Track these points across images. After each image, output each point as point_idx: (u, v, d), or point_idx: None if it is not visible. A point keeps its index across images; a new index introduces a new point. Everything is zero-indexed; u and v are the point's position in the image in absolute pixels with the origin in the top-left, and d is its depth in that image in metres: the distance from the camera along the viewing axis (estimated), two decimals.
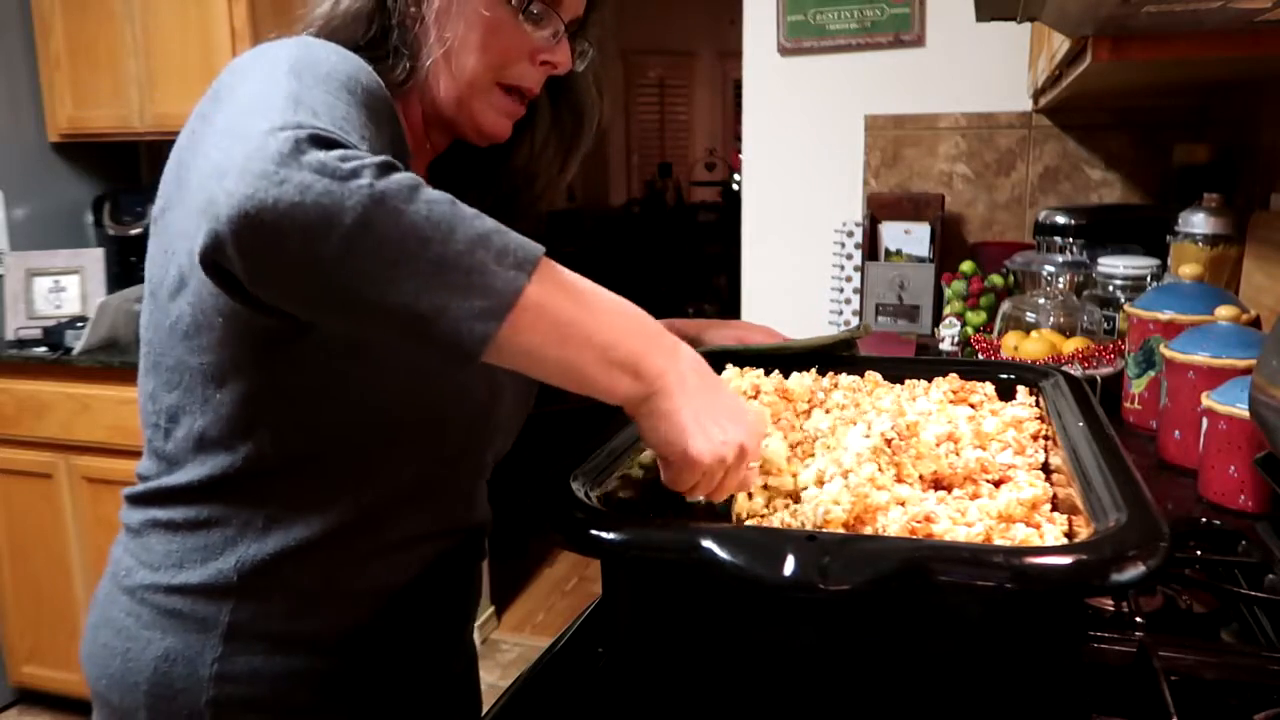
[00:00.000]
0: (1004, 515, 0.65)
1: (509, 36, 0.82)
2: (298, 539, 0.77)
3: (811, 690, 0.59)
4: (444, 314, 0.57)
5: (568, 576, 3.43)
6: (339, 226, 0.55)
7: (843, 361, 1.01)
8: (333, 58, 0.70)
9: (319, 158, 0.56)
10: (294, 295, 0.59)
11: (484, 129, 0.86)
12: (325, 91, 0.65)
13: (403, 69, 0.81)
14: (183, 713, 0.78)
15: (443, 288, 0.57)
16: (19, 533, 2.54)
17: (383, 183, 0.56)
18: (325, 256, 0.55)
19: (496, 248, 0.58)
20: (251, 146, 0.56)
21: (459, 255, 0.57)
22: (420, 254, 0.56)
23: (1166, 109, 2.09)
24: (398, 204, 0.56)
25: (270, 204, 0.54)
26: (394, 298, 0.57)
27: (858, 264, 2.24)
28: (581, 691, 0.76)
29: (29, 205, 2.72)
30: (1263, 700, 0.68)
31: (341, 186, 0.55)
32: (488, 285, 0.57)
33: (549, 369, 0.62)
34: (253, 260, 0.57)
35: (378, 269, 0.56)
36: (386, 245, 0.56)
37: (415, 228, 0.56)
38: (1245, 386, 1.03)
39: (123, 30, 2.56)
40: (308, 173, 0.55)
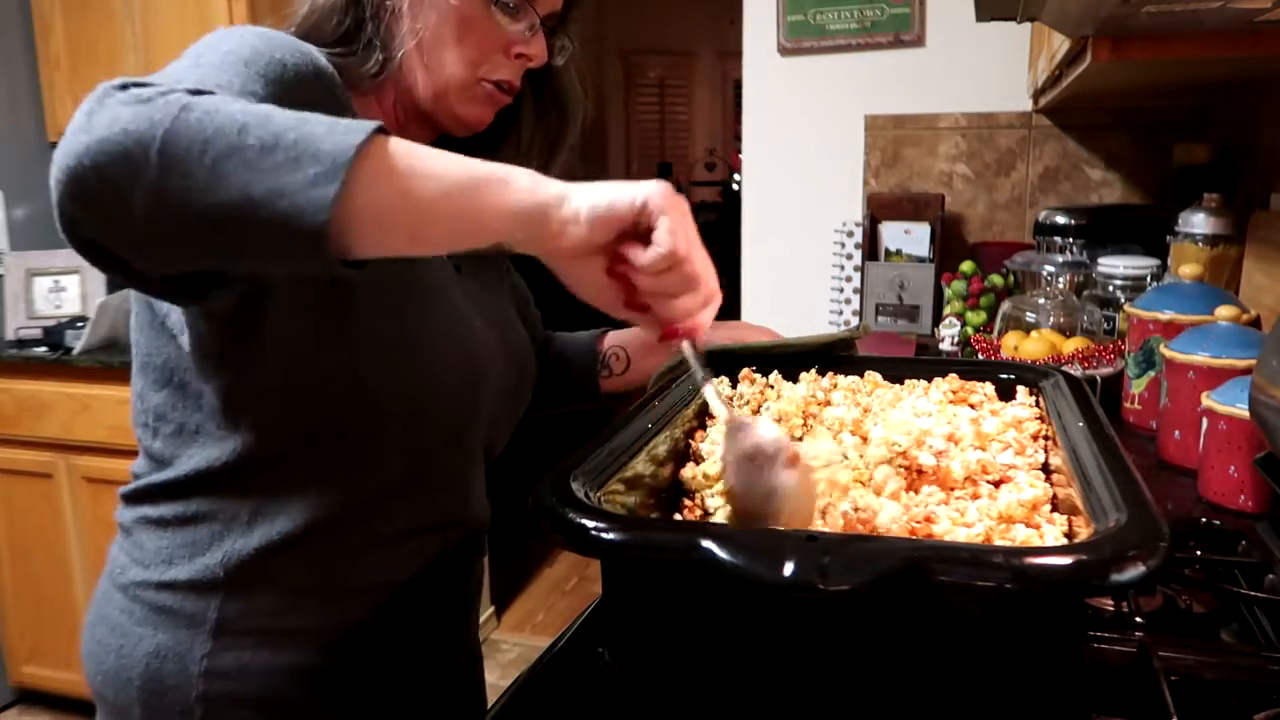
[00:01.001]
0: (1004, 516, 0.65)
1: (482, 29, 0.82)
2: (283, 533, 0.77)
3: (812, 690, 0.59)
4: (280, 195, 0.53)
5: (568, 576, 3.43)
6: (152, 143, 0.53)
7: (841, 361, 1.01)
8: (255, 42, 0.70)
9: (128, 93, 0.55)
10: (142, 237, 0.56)
11: (464, 119, 0.86)
12: (214, 67, 0.65)
13: (375, 61, 0.81)
14: (174, 708, 0.79)
15: (271, 168, 0.53)
16: (19, 533, 2.54)
17: (195, 97, 0.55)
18: (148, 177, 0.53)
19: (325, 123, 0.55)
20: (83, 104, 0.56)
21: (283, 133, 0.54)
22: (241, 142, 0.53)
23: (1166, 109, 2.09)
24: (209, 106, 0.54)
25: (84, 148, 0.54)
26: (225, 195, 0.53)
27: (858, 264, 2.24)
28: (581, 691, 0.76)
29: (29, 205, 2.72)
30: (1263, 700, 0.68)
31: (149, 106, 0.54)
32: (319, 151, 0.53)
33: (424, 227, 0.57)
34: (90, 213, 0.55)
35: (202, 175, 0.53)
36: (202, 146, 0.53)
37: (231, 119, 0.54)
38: (1245, 386, 1.03)
39: (123, 30, 2.56)
40: (114, 106, 0.54)
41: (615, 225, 0.59)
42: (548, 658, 0.79)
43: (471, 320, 0.87)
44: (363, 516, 0.80)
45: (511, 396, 0.94)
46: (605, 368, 1.11)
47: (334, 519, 0.79)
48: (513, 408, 0.95)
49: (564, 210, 0.58)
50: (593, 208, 0.58)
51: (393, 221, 0.56)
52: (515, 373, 0.94)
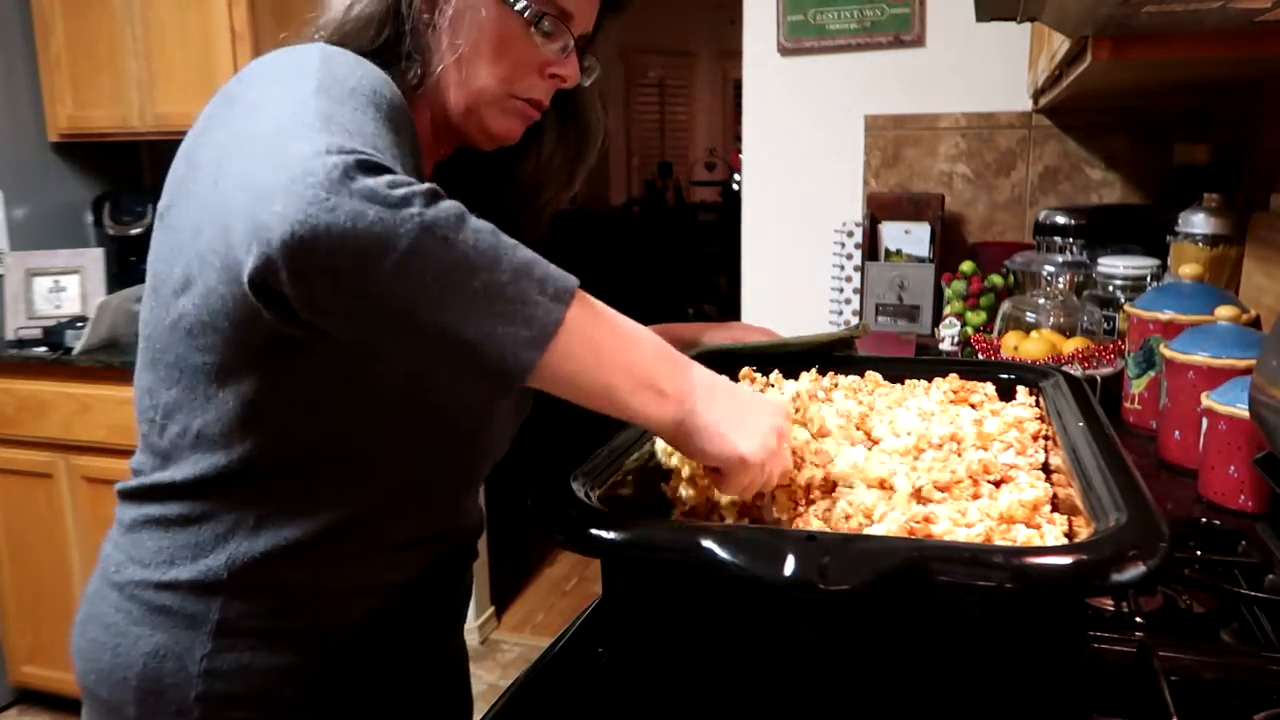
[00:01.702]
0: (1005, 516, 0.65)
1: (520, 49, 0.82)
2: (289, 538, 0.77)
3: (812, 690, 0.59)
4: (490, 340, 0.59)
5: (568, 576, 3.43)
6: (392, 254, 0.56)
7: (840, 361, 1.01)
8: (357, 71, 0.71)
9: (369, 184, 0.57)
10: (343, 319, 0.60)
11: (494, 133, 0.86)
12: (355, 109, 0.66)
13: (414, 74, 0.82)
14: (171, 708, 0.78)
15: (489, 316, 0.59)
16: (19, 533, 2.54)
17: (432, 211, 0.57)
18: (377, 283, 0.57)
19: (538, 278, 0.60)
20: (298, 170, 0.57)
21: (504, 285, 0.59)
22: (468, 282, 0.58)
23: (1166, 109, 2.09)
24: (447, 233, 0.57)
25: (324, 229, 0.55)
26: (442, 324, 0.58)
27: (858, 264, 2.24)
28: (581, 691, 0.76)
29: (29, 205, 2.72)
30: (1263, 700, 0.68)
31: (393, 214, 0.56)
32: (531, 315, 0.60)
33: (585, 393, 0.64)
34: (305, 284, 0.57)
35: (427, 296, 0.57)
36: (436, 273, 0.57)
37: (464, 256, 0.58)
38: (1245, 386, 1.03)
39: (123, 30, 2.56)
40: (359, 200, 0.56)
41: (701, 461, 0.68)
42: (548, 658, 0.79)
43: None
44: (367, 525, 0.81)
45: (517, 408, 0.94)
46: None
47: (342, 526, 0.79)
48: (517, 416, 0.96)
49: (686, 428, 0.66)
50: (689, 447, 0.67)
51: (559, 384, 0.63)
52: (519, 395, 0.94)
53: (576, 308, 0.62)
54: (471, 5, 0.81)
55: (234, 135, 0.67)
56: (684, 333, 1.07)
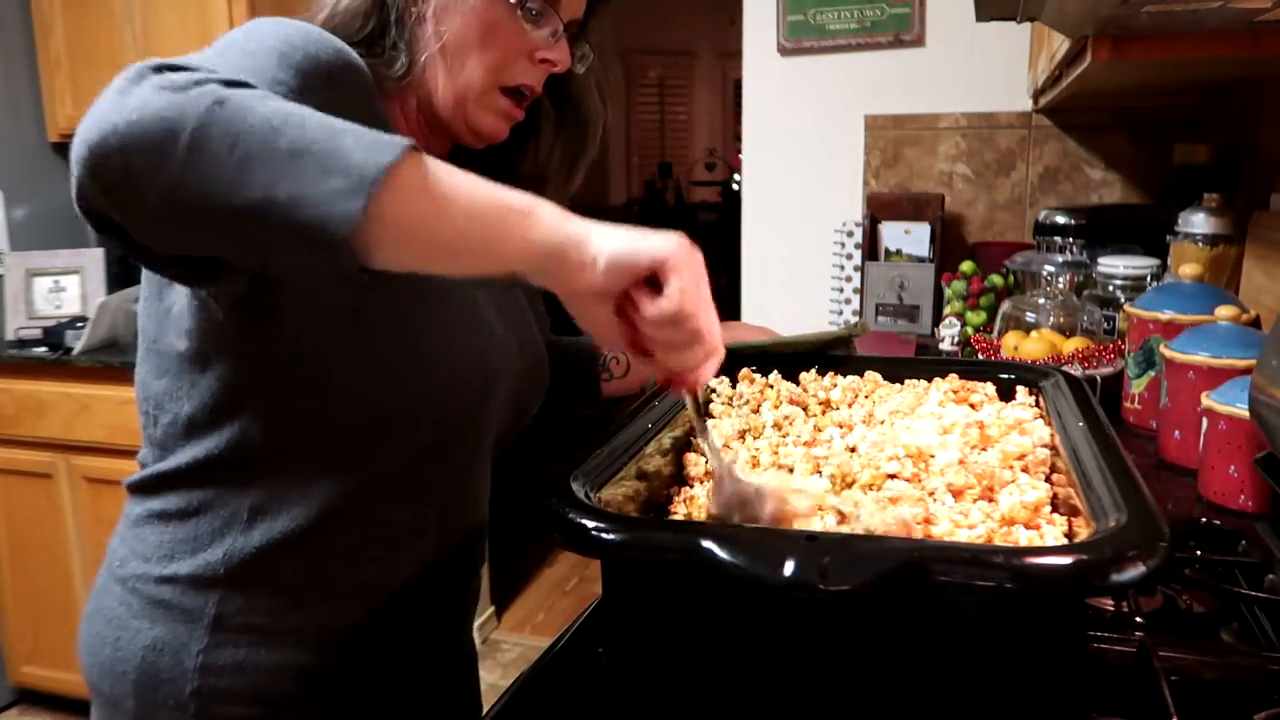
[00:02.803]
0: (1007, 518, 0.65)
1: (507, 34, 0.82)
2: (284, 531, 0.77)
3: (812, 690, 0.59)
4: (304, 201, 0.54)
5: (568, 576, 3.43)
6: (182, 133, 0.53)
7: (839, 360, 1.01)
8: (291, 35, 0.69)
9: (163, 78, 0.55)
10: (159, 225, 0.57)
11: (480, 130, 0.85)
12: (244, 55, 0.64)
13: (400, 65, 0.81)
14: (168, 702, 0.79)
15: (299, 174, 0.54)
16: (19, 533, 2.54)
17: (228, 91, 0.54)
18: (173, 166, 0.53)
19: (357, 133, 0.56)
20: (108, 89, 0.56)
21: (315, 140, 0.54)
22: (272, 144, 0.54)
23: (1166, 109, 2.09)
24: (243, 102, 0.54)
25: (109, 129, 0.54)
26: (250, 194, 0.54)
27: (858, 264, 2.24)
28: (581, 691, 0.76)
29: (29, 205, 2.72)
30: (1263, 700, 0.68)
31: (182, 95, 0.54)
32: (348, 164, 0.54)
33: (440, 243, 0.58)
34: (111, 195, 0.56)
35: (228, 169, 0.53)
36: (233, 142, 0.53)
37: (264, 120, 0.54)
38: (1245, 386, 1.03)
39: (123, 30, 2.56)
40: (146, 89, 0.54)
41: (630, 275, 0.60)
42: (548, 658, 0.79)
43: (492, 325, 0.87)
44: (364, 518, 0.80)
45: (520, 404, 0.94)
46: (605, 371, 1.11)
47: (335, 519, 0.79)
48: (520, 415, 0.95)
49: (584, 253, 0.60)
50: (611, 255, 0.59)
51: (412, 243, 0.57)
52: (527, 380, 0.94)
53: (410, 161, 0.55)
54: None
55: None
56: None
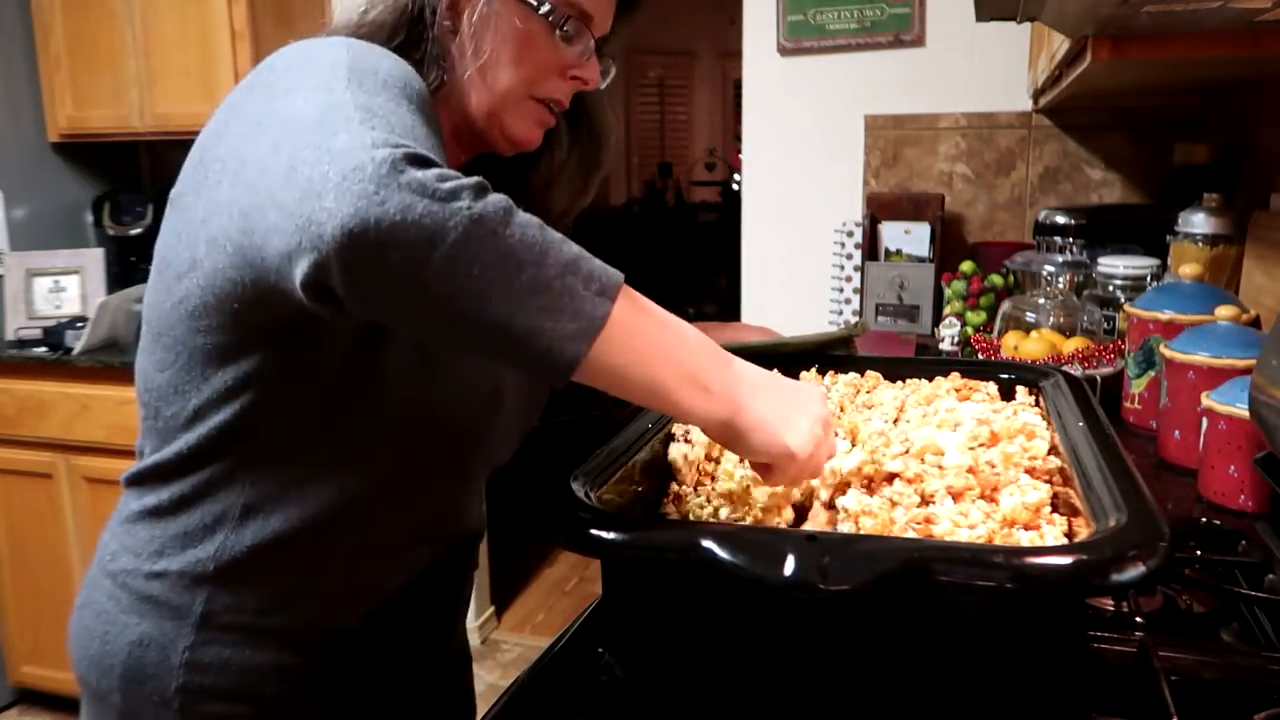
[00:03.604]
0: (1008, 519, 0.65)
1: (543, 52, 0.83)
2: (276, 532, 0.77)
3: (812, 690, 0.59)
4: (538, 335, 0.59)
5: (568, 576, 3.43)
6: (441, 247, 0.56)
7: (839, 360, 1.01)
8: (385, 61, 0.71)
9: (418, 178, 0.57)
10: (392, 312, 0.60)
11: (516, 138, 0.86)
12: (389, 100, 0.66)
13: (435, 79, 0.82)
14: (153, 698, 0.79)
15: (537, 310, 0.59)
16: (19, 533, 2.54)
17: (480, 205, 0.58)
18: (427, 276, 0.57)
19: (584, 273, 0.60)
20: (348, 165, 0.57)
21: (551, 280, 0.59)
22: (516, 276, 0.58)
23: (1166, 109, 2.09)
24: (495, 227, 0.58)
25: (374, 224, 0.55)
26: (490, 318, 0.58)
27: (858, 264, 2.24)
28: (581, 691, 0.76)
29: (29, 205, 2.72)
30: (1263, 700, 0.68)
31: (443, 208, 0.56)
32: (578, 309, 0.60)
33: (632, 388, 0.64)
34: (356, 278, 0.58)
35: (476, 289, 0.57)
36: (484, 267, 0.57)
37: (511, 250, 0.58)
38: (1245, 386, 1.03)
39: (123, 30, 2.56)
40: (408, 193, 0.56)
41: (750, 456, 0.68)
42: (548, 658, 0.79)
43: None
44: (357, 522, 0.80)
45: (523, 413, 0.94)
46: None
47: (328, 522, 0.78)
48: (522, 424, 0.95)
49: (734, 426, 0.66)
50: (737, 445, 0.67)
51: (604, 379, 0.63)
52: (532, 394, 0.94)
53: (622, 302, 0.62)
54: (496, 11, 0.81)
55: (261, 123, 0.67)
56: None
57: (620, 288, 0.62)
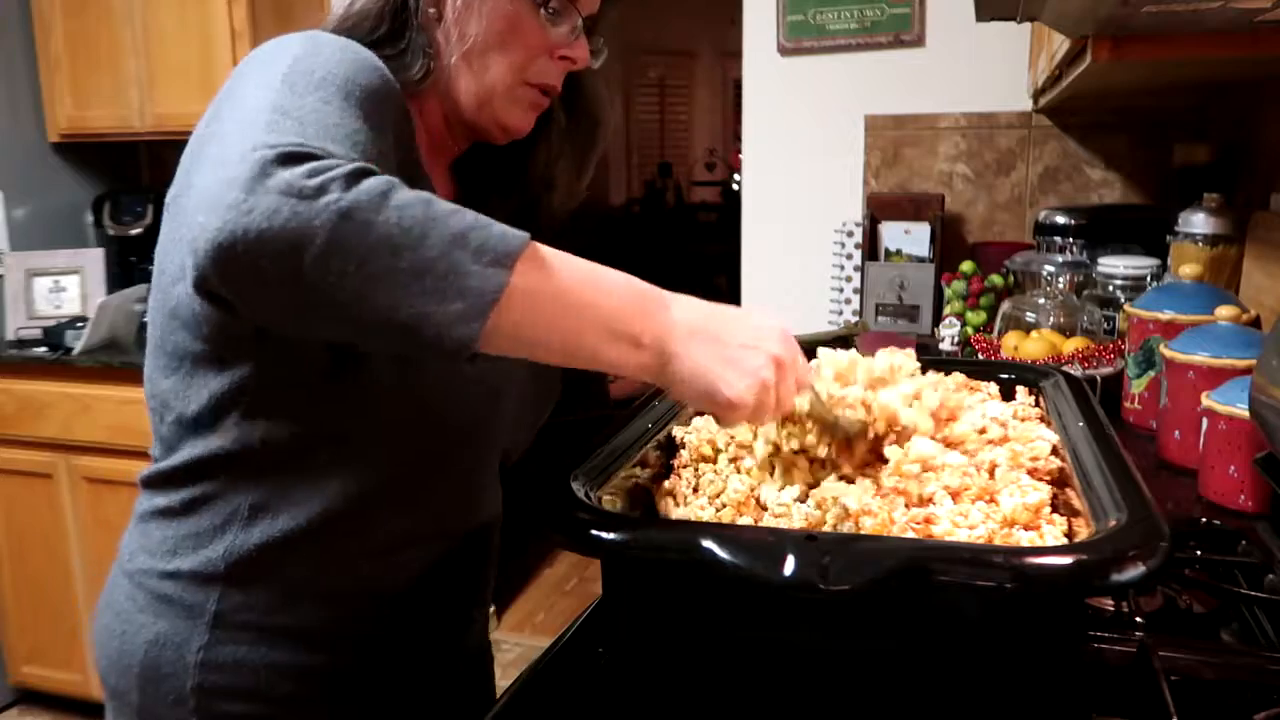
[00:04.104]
0: (1009, 520, 0.65)
1: (529, 33, 0.82)
2: (284, 530, 0.77)
3: (812, 690, 0.59)
4: (425, 321, 0.57)
5: (568, 576, 3.43)
6: (310, 247, 0.55)
7: None
8: (335, 56, 0.70)
9: (284, 178, 0.56)
10: (280, 317, 0.60)
11: (508, 125, 0.86)
12: (317, 98, 0.65)
13: (420, 68, 0.81)
14: (169, 697, 0.79)
15: (420, 295, 0.57)
16: (19, 533, 2.54)
17: (351, 195, 0.56)
18: (301, 278, 0.56)
19: (475, 245, 0.58)
20: (223, 175, 0.57)
21: (433, 260, 0.57)
22: (394, 264, 0.56)
23: (1166, 109, 2.09)
24: (367, 215, 0.56)
25: (240, 234, 0.55)
26: (374, 311, 0.57)
27: (858, 264, 2.24)
28: (581, 691, 0.76)
29: (29, 205, 2.72)
30: (1263, 700, 0.68)
31: (308, 206, 0.55)
32: (465, 286, 0.57)
33: (552, 352, 0.63)
34: (235, 289, 0.58)
35: (355, 286, 0.56)
36: (360, 261, 0.56)
37: (387, 237, 0.56)
38: (1245, 386, 1.03)
39: (123, 30, 2.56)
40: (273, 196, 0.55)
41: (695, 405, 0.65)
42: (548, 658, 0.79)
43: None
44: (365, 519, 0.80)
45: (530, 408, 0.94)
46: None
47: (335, 519, 0.79)
48: (531, 419, 0.95)
49: (667, 377, 0.64)
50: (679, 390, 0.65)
51: (516, 340, 0.61)
52: (535, 386, 0.94)
53: (524, 267, 0.59)
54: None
55: (206, 133, 0.68)
56: None
57: (519, 253, 0.59)
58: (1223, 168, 1.76)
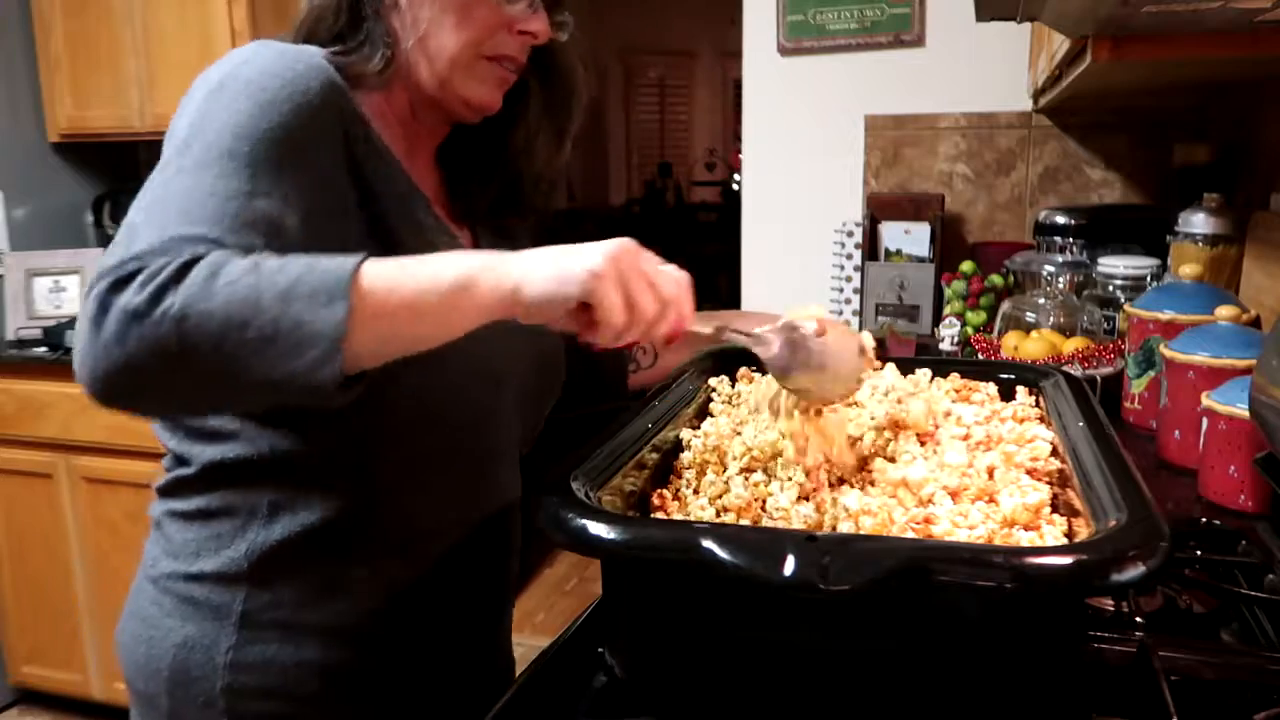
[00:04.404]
0: (1009, 520, 0.65)
1: (483, 12, 0.82)
2: (305, 526, 0.78)
3: (812, 690, 0.59)
4: (293, 377, 0.60)
5: (568, 576, 3.43)
6: (169, 354, 0.59)
7: None
8: (234, 108, 0.71)
9: (121, 306, 0.59)
10: (181, 410, 0.67)
11: (474, 102, 0.86)
12: (213, 175, 0.67)
13: (380, 58, 0.82)
14: (199, 699, 0.80)
15: (278, 357, 0.60)
16: (19, 533, 2.54)
17: (182, 294, 0.59)
18: (175, 379, 0.61)
19: (307, 292, 0.60)
20: (84, 311, 0.61)
21: (276, 321, 0.60)
22: (245, 337, 0.59)
23: (1166, 109, 2.09)
24: (202, 306, 0.59)
25: (104, 375, 0.60)
26: (252, 380, 0.61)
27: (858, 264, 2.24)
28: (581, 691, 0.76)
29: (29, 205, 2.72)
30: (1263, 700, 0.68)
31: (150, 322, 0.59)
32: (312, 334, 0.60)
33: (418, 343, 0.65)
34: (130, 408, 0.64)
35: (222, 366, 0.60)
36: (214, 345, 0.59)
37: (227, 318, 0.59)
38: (1245, 386, 1.03)
39: (123, 30, 2.56)
40: (117, 325, 0.59)
41: (563, 307, 0.64)
42: (548, 658, 0.79)
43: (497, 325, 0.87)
44: (381, 516, 0.81)
45: (534, 397, 0.94)
46: (633, 362, 1.11)
47: (354, 512, 0.80)
48: (536, 407, 0.96)
49: (520, 304, 0.64)
50: (534, 303, 0.64)
51: (386, 352, 0.65)
52: (538, 374, 0.94)
53: (359, 291, 0.61)
54: None
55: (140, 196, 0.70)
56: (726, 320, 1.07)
57: (350, 282, 0.61)
58: (1223, 168, 1.75)
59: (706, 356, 1.00)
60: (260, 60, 0.74)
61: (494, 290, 0.64)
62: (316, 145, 0.73)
